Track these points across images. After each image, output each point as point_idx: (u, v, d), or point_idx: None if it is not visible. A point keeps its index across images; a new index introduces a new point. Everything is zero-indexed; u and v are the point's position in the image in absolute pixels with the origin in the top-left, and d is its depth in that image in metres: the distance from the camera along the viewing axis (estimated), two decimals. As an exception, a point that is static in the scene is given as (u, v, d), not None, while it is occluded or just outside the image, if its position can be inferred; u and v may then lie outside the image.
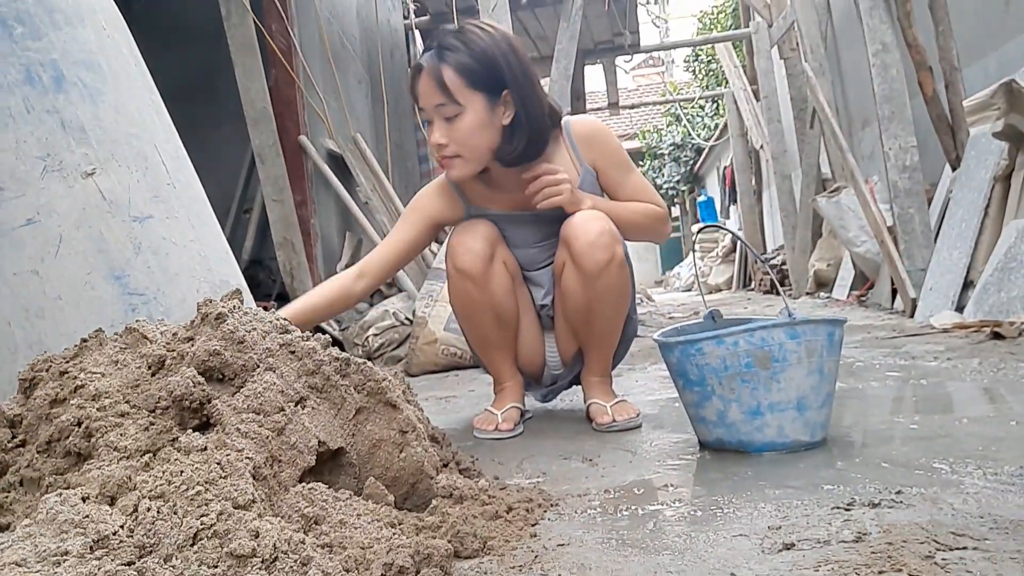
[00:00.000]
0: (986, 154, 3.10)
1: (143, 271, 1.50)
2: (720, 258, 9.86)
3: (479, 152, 1.53)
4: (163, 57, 4.31)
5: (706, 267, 10.06)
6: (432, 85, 1.48)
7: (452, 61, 1.47)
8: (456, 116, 1.48)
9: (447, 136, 1.50)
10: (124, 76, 1.68)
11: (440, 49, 1.49)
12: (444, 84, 1.46)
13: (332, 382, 1.00)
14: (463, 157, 1.52)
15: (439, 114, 1.50)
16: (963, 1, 3.89)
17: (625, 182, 1.65)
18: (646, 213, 1.64)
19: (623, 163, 1.66)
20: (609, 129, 1.70)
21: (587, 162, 1.64)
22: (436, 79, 1.47)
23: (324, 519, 0.85)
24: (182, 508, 0.73)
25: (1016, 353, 2.05)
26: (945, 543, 0.77)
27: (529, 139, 1.54)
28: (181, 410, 0.87)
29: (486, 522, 0.95)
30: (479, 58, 1.48)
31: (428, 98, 1.49)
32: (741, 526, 0.89)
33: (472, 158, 1.53)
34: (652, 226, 1.65)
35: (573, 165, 1.63)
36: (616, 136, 1.71)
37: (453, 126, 1.49)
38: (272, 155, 3.42)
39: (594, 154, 1.64)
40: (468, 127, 1.49)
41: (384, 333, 3.31)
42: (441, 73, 1.47)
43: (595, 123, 1.67)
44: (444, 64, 1.47)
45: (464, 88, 1.47)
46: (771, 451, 1.23)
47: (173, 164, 1.69)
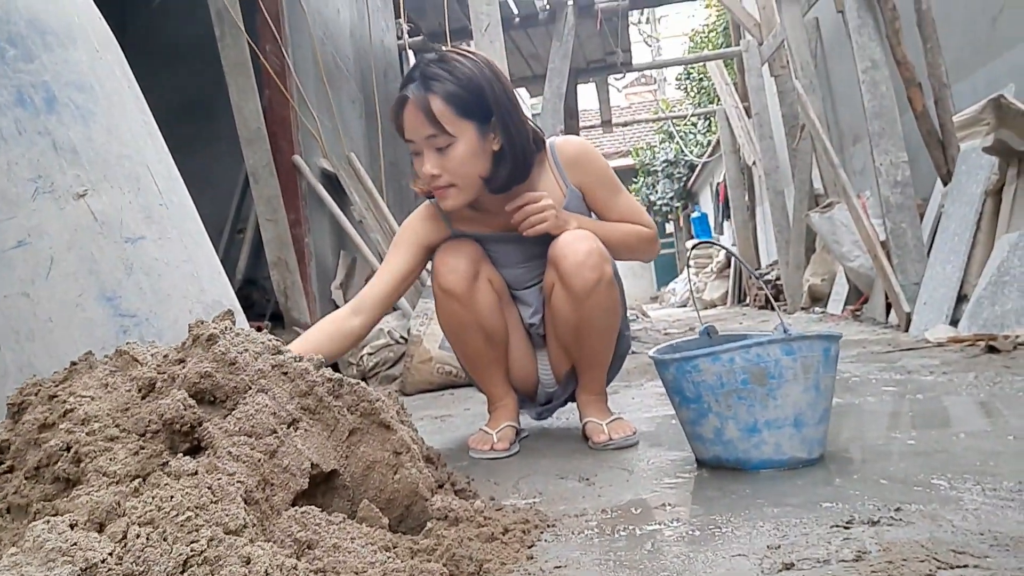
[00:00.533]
0: (977, 169, 3.12)
1: (135, 292, 1.49)
2: (715, 274, 9.88)
3: (472, 180, 1.52)
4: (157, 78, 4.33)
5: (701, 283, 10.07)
6: (421, 117, 1.45)
7: (440, 91, 1.45)
8: (448, 146, 1.47)
9: (439, 167, 1.48)
10: (116, 97, 1.68)
11: (425, 79, 1.46)
12: (433, 115, 1.44)
13: (325, 403, 0.99)
14: (457, 187, 1.51)
15: (430, 145, 1.47)
16: (951, 18, 3.93)
17: (613, 203, 1.64)
18: (634, 233, 1.63)
19: (610, 183, 1.65)
20: (595, 149, 1.69)
21: (573, 183, 1.63)
22: (424, 110, 1.45)
23: (317, 543, 0.84)
24: (172, 534, 0.72)
25: (1011, 367, 2.05)
26: (946, 561, 0.76)
27: (515, 165, 1.53)
28: (172, 433, 0.86)
29: (482, 544, 0.93)
30: (466, 86, 1.46)
31: (417, 130, 1.47)
32: (740, 546, 0.88)
33: (466, 187, 1.52)
34: (640, 246, 1.65)
35: (558, 187, 1.63)
36: (603, 156, 1.71)
37: (445, 156, 1.47)
38: (266, 175, 3.42)
39: (580, 175, 1.63)
40: (461, 157, 1.48)
41: (379, 352, 3.29)
42: (429, 104, 1.44)
43: (581, 144, 1.67)
44: (432, 94, 1.45)
45: (454, 117, 1.45)
46: (769, 468, 1.22)
47: (165, 184, 1.69)
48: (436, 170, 1.48)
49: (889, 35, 3.76)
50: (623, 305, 1.66)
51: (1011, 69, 3.51)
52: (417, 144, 1.49)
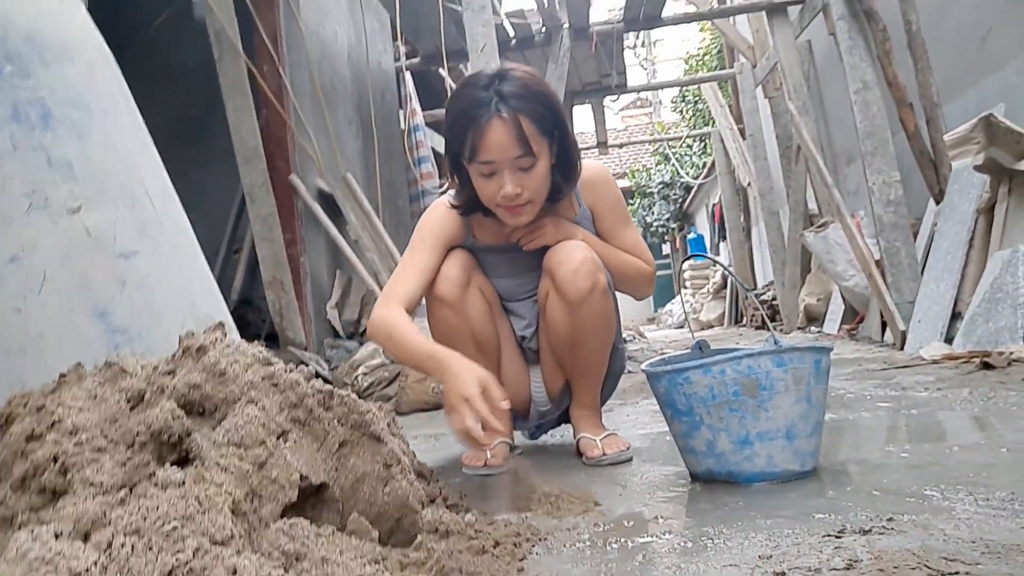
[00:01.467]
0: (969, 187, 3.15)
1: (127, 308, 1.49)
2: (711, 295, 9.89)
3: (543, 196, 1.53)
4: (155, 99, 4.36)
5: (697, 303, 10.08)
6: (512, 136, 1.42)
7: (527, 110, 1.42)
8: (532, 165, 1.46)
9: (521, 185, 1.46)
10: (112, 113, 1.69)
11: (505, 98, 1.43)
12: (524, 135, 1.42)
13: (315, 415, 0.99)
14: (534, 203, 1.51)
15: (515, 165, 1.45)
16: (941, 39, 3.99)
17: (619, 233, 1.66)
18: (632, 264, 1.64)
19: (620, 214, 1.67)
20: (612, 178, 1.71)
21: (586, 204, 1.65)
22: (516, 130, 1.41)
23: (305, 556, 0.83)
24: (157, 544, 0.72)
25: (1006, 382, 2.05)
26: (937, 568, 0.75)
27: (571, 177, 1.56)
28: (160, 444, 0.86)
29: (472, 557, 0.93)
30: (545, 104, 1.46)
31: (506, 150, 1.43)
32: (731, 556, 0.87)
33: (539, 203, 1.53)
34: (635, 279, 1.65)
35: (572, 205, 1.65)
36: (619, 188, 1.73)
37: (528, 175, 1.46)
38: (262, 194, 3.43)
39: (594, 198, 1.65)
40: (540, 176, 1.48)
41: (374, 372, 3.28)
42: (520, 124, 1.42)
43: (601, 169, 1.69)
44: (521, 115, 1.42)
45: (538, 136, 1.45)
46: (761, 481, 1.22)
47: (160, 201, 1.69)
48: (518, 189, 1.47)
49: (880, 56, 3.81)
50: (617, 317, 1.67)
51: (1001, 89, 3.56)
52: (497, 164, 1.45)
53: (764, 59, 6.39)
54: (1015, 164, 2.69)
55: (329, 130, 3.97)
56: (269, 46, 3.70)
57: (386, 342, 1.50)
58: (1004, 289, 2.61)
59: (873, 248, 3.96)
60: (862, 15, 3.93)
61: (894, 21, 3.78)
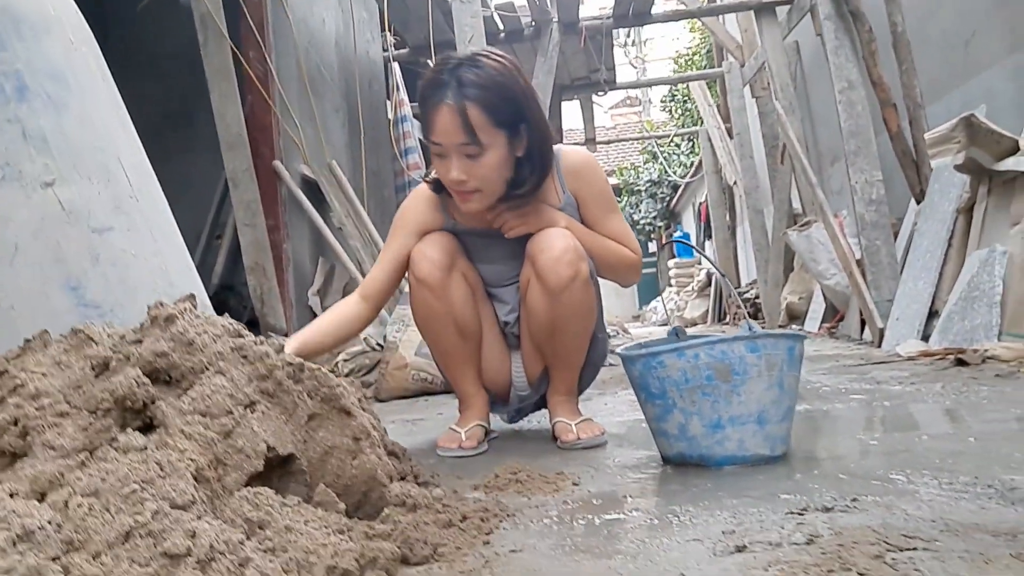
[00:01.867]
0: (949, 187, 3.18)
1: (100, 283, 1.47)
2: (696, 292, 9.94)
3: (497, 186, 1.52)
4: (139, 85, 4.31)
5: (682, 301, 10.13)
6: (457, 124, 1.42)
7: (478, 99, 1.42)
8: (479, 154, 1.45)
9: (466, 173, 1.46)
10: (90, 89, 1.67)
11: (461, 85, 1.43)
12: (471, 125, 1.42)
13: (284, 387, 0.98)
14: (483, 192, 1.51)
15: (460, 151, 1.45)
16: (926, 41, 4.02)
17: (604, 220, 1.65)
18: (617, 253, 1.64)
19: (606, 202, 1.66)
20: (599, 166, 1.71)
21: (571, 191, 1.65)
22: (462, 118, 1.42)
23: (269, 524, 0.83)
24: (115, 505, 0.71)
25: (979, 378, 2.07)
26: (896, 544, 0.76)
27: (535, 172, 1.54)
28: (123, 411, 0.85)
29: (438, 530, 0.93)
30: (503, 94, 1.44)
31: (450, 136, 1.44)
32: (696, 532, 0.87)
33: (490, 192, 1.52)
34: (620, 267, 1.65)
35: (556, 192, 1.64)
36: (605, 175, 1.72)
37: (475, 163, 1.46)
38: (246, 180, 3.40)
39: (578, 185, 1.64)
40: (490, 165, 1.47)
41: (355, 359, 3.27)
42: (467, 112, 1.41)
43: (586, 156, 1.69)
44: (469, 102, 1.41)
45: (489, 126, 1.44)
46: (732, 464, 1.23)
47: (137, 177, 1.68)
48: (463, 176, 1.47)
49: (866, 56, 3.84)
50: (599, 306, 1.67)
51: (984, 91, 3.59)
52: (444, 148, 1.46)
53: (752, 58, 6.42)
54: (994, 164, 2.72)
55: (315, 117, 3.95)
56: (255, 32, 3.67)
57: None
58: (981, 288, 2.64)
59: (855, 247, 3.99)
60: (848, 16, 3.96)
61: (880, 23, 3.81)
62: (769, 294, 5.99)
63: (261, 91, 3.63)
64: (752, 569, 0.73)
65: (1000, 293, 2.56)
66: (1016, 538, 0.76)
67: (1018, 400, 1.65)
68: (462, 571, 0.81)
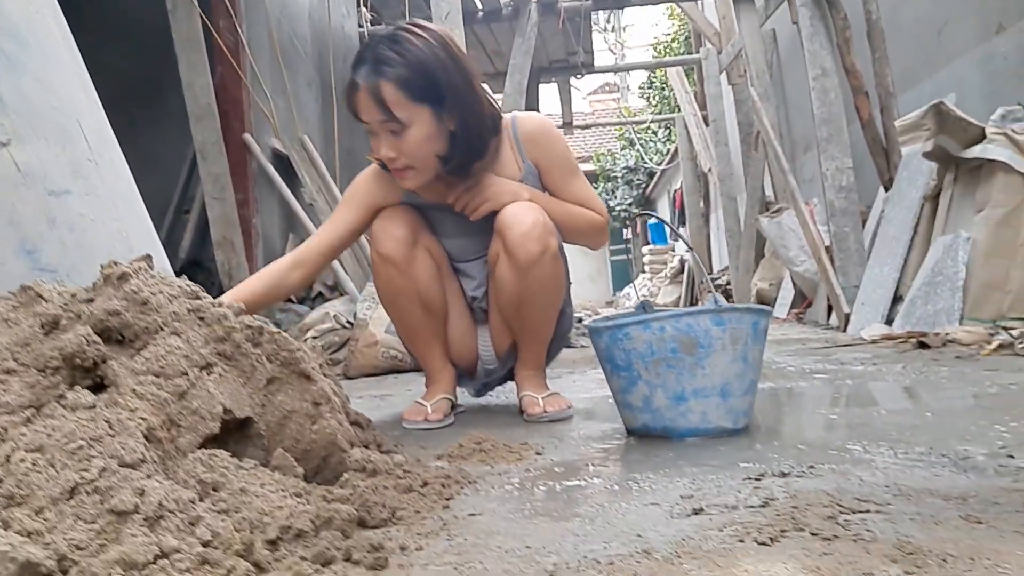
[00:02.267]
0: (917, 175, 3.22)
1: (57, 247, 1.44)
2: (669, 279, 10.01)
3: (430, 161, 1.49)
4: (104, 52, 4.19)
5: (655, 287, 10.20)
6: (371, 103, 1.42)
7: (391, 76, 1.41)
8: (403, 130, 1.44)
9: (395, 150, 1.46)
10: (50, 49, 1.62)
11: (376, 63, 1.42)
12: (384, 102, 1.41)
13: (242, 350, 0.97)
14: (416, 168, 1.49)
15: (384, 128, 1.45)
16: (899, 30, 4.06)
17: (567, 185, 1.63)
18: (584, 217, 1.62)
19: (567, 166, 1.64)
20: (556, 129, 1.69)
21: (530, 159, 1.62)
22: (375, 97, 1.41)
23: (223, 486, 0.81)
24: (60, 462, 0.69)
25: (939, 359, 2.11)
26: (849, 507, 0.77)
27: (469, 147, 1.51)
28: (73, 369, 0.82)
29: (398, 494, 0.92)
30: (419, 70, 1.42)
31: (370, 114, 1.44)
32: (654, 497, 0.88)
33: (424, 168, 1.50)
34: (588, 232, 1.64)
35: (516, 162, 1.62)
36: (564, 138, 1.71)
37: (402, 140, 1.45)
38: (215, 152, 3.34)
39: (537, 152, 1.62)
40: (416, 140, 1.45)
41: (324, 336, 3.24)
42: (380, 90, 1.40)
43: (542, 121, 1.66)
44: (383, 80, 1.41)
45: (407, 103, 1.42)
46: (695, 436, 1.23)
47: (96, 141, 1.63)
48: (393, 153, 1.46)
49: (840, 44, 3.86)
50: (567, 281, 1.66)
51: (955, 80, 3.64)
52: (371, 126, 1.47)
53: (729, 45, 6.44)
54: (962, 152, 2.76)
55: (287, 90, 3.88)
56: (226, 0, 3.59)
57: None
58: (944, 273, 2.69)
59: (824, 235, 4.04)
60: (824, 3, 3.98)
61: (855, 11, 3.83)
62: (740, 280, 6.06)
63: (231, 61, 3.55)
64: (708, 530, 0.73)
65: (963, 278, 2.61)
66: (967, 502, 0.78)
67: (976, 380, 1.68)
68: (420, 533, 0.80)
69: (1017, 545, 0.64)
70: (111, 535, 0.67)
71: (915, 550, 0.63)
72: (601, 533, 0.76)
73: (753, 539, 0.69)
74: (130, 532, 0.66)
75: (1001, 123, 2.75)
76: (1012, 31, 3.19)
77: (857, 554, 0.64)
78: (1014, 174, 2.55)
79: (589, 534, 0.76)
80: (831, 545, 0.66)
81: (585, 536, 0.75)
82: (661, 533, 0.74)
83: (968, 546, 0.64)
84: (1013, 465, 0.92)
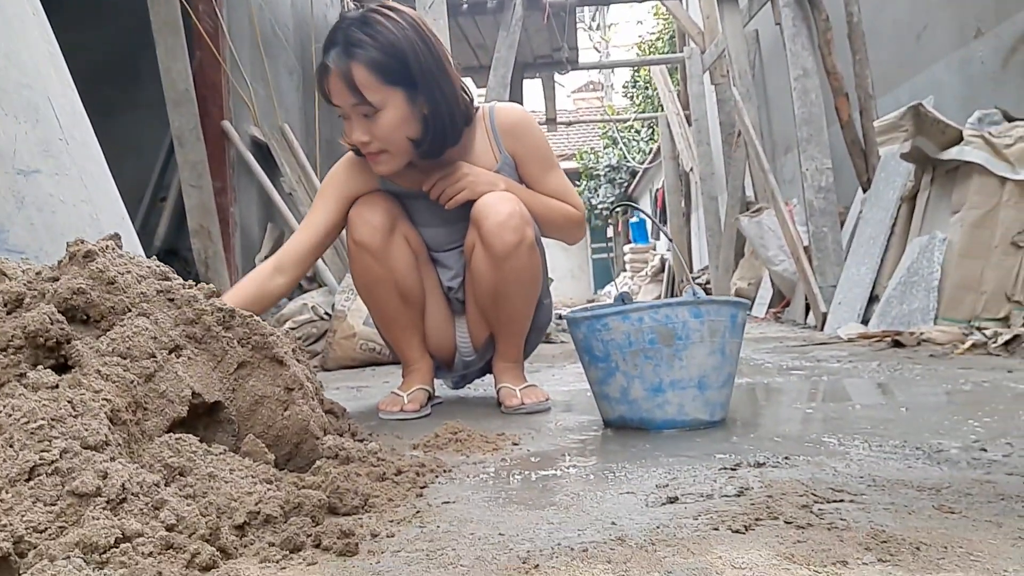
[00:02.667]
0: (895, 176, 3.25)
1: (25, 227, 1.40)
2: (649, 277, 10.05)
3: (404, 145, 1.48)
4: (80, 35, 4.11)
5: (636, 286, 10.23)
6: (342, 85, 1.40)
7: (363, 59, 1.39)
8: (375, 114, 1.42)
9: (368, 133, 1.44)
10: (19, 24, 1.58)
11: (347, 46, 1.40)
12: (355, 84, 1.39)
13: (213, 333, 0.94)
14: (389, 152, 1.47)
15: (357, 112, 1.43)
16: (880, 33, 4.10)
17: (544, 178, 1.62)
18: (560, 211, 1.61)
19: (544, 158, 1.63)
20: (534, 121, 1.67)
21: (507, 150, 1.61)
22: (347, 80, 1.39)
23: (191, 471, 0.79)
24: (20, 441, 0.67)
25: (913, 358, 2.13)
26: (823, 496, 0.77)
27: (443, 131, 1.48)
28: (35, 348, 0.80)
29: (371, 482, 0.90)
30: (390, 52, 1.40)
31: (342, 98, 1.42)
32: (630, 486, 0.87)
33: (398, 152, 1.48)
34: (564, 225, 1.63)
35: (492, 152, 1.61)
36: (542, 130, 1.69)
37: (374, 123, 1.43)
38: (192, 139, 3.28)
39: (515, 144, 1.61)
40: (389, 124, 1.43)
41: (302, 327, 3.21)
42: (352, 74, 1.39)
43: (521, 113, 1.65)
44: (354, 63, 1.39)
45: (379, 86, 1.40)
46: (672, 428, 1.23)
47: (68, 120, 1.59)
48: (365, 137, 1.44)
49: (821, 45, 3.89)
50: (544, 272, 1.65)
51: (933, 84, 3.68)
52: (343, 110, 1.45)
53: (713, 45, 6.47)
54: (939, 153, 2.79)
55: (267, 78, 3.83)
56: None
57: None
58: (920, 273, 2.72)
59: (804, 235, 4.07)
60: (807, 4, 4.00)
61: (837, 14, 3.86)
62: (720, 279, 6.09)
63: (211, 47, 3.50)
64: (682, 518, 0.73)
65: (938, 279, 2.64)
66: (940, 492, 0.78)
67: (949, 377, 1.70)
68: (392, 520, 0.79)
69: (989, 534, 0.65)
70: (71, 517, 0.65)
71: (889, 538, 0.63)
72: (576, 521, 0.75)
73: (728, 527, 0.69)
74: (91, 515, 0.64)
75: (978, 126, 2.79)
76: (989, 36, 3.23)
77: (831, 542, 0.64)
78: (990, 176, 2.58)
79: (564, 522, 0.75)
80: (805, 533, 0.66)
81: (559, 524, 0.74)
82: (636, 521, 0.73)
83: (941, 535, 0.64)
84: (985, 458, 0.93)
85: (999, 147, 2.59)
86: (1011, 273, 2.48)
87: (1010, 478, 0.83)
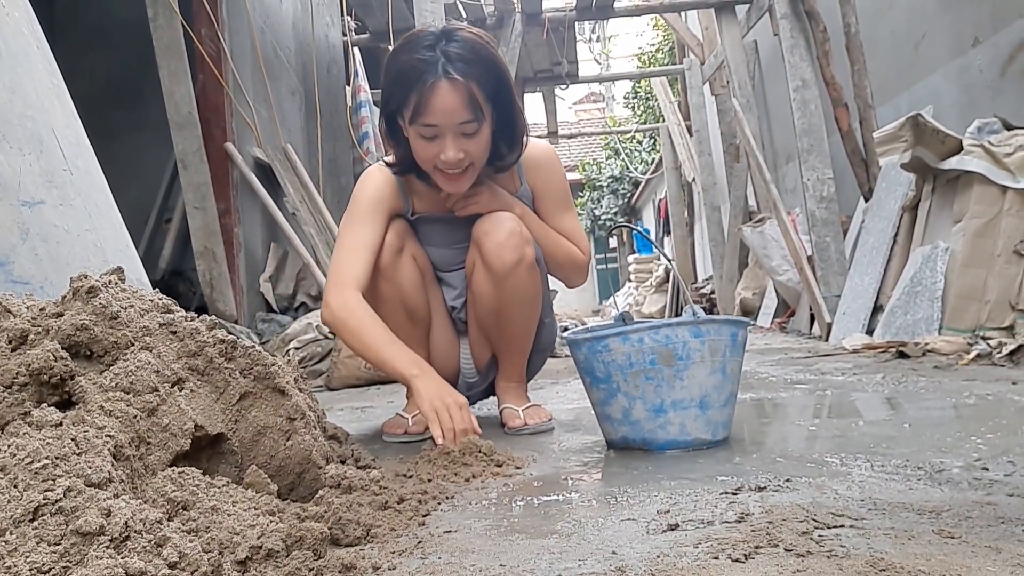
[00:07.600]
0: (896, 185, 3.26)
1: (30, 258, 1.42)
2: (654, 288, 10.04)
3: (483, 162, 1.50)
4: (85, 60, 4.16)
5: (640, 296, 10.22)
6: (461, 102, 1.38)
7: (476, 76, 1.39)
8: (476, 131, 1.42)
9: (464, 151, 1.43)
10: (22, 56, 1.60)
11: (452, 60, 1.38)
12: (476, 101, 1.39)
13: (215, 364, 0.95)
14: (474, 167, 1.48)
15: (459, 130, 1.41)
16: (878, 43, 4.11)
17: (558, 217, 1.64)
18: (567, 250, 1.63)
19: (562, 198, 1.65)
20: (559, 161, 1.69)
21: (528, 182, 1.63)
22: (467, 96, 1.38)
23: (194, 505, 0.80)
24: (24, 481, 0.67)
25: (918, 369, 2.13)
26: (824, 522, 0.77)
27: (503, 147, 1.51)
28: (40, 385, 0.81)
29: (373, 511, 0.91)
30: (492, 68, 1.42)
31: (453, 115, 1.39)
32: (631, 512, 0.87)
33: (479, 168, 1.50)
34: (568, 265, 1.64)
35: (514, 181, 1.63)
36: (565, 173, 1.71)
37: (472, 141, 1.43)
38: (196, 161, 3.32)
39: (537, 177, 1.63)
40: (485, 141, 1.45)
41: (306, 347, 3.21)
42: (472, 89, 1.38)
43: (549, 150, 1.67)
44: (471, 80, 1.38)
45: (485, 102, 1.42)
46: (674, 449, 1.23)
47: (72, 150, 1.61)
48: (461, 154, 1.43)
49: (819, 56, 3.91)
50: (546, 291, 1.66)
51: (931, 93, 3.69)
52: (442, 128, 1.40)
53: (712, 56, 6.49)
54: (939, 163, 2.80)
55: (270, 99, 3.86)
56: (208, 7, 3.57)
57: (348, 335, 1.43)
58: (923, 283, 2.71)
59: (806, 244, 4.07)
60: (804, 15, 4.02)
61: (835, 25, 3.88)
62: (724, 289, 6.08)
63: (213, 70, 3.53)
64: (683, 546, 0.73)
65: (941, 288, 2.63)
66: (940, 516, 0.78)
67: (954, 390, 1.70)
68: (394, 551, 0.79)
69: (988, 560, 0.65)
70: (75, 557, 0.65)
71: (888, 566, 0.63)
72: (576, 550, 0.75)
73: (728, 555, 0.69)
74: (95, 554, 0.65)
75: (978, 135, 2.79)
76: (987, 45, 3.24)
77: (830, 571, 0.64)
78: (991, 185, 2.58)
79: (564, 551, 0.75)
80: (804, 562, 0.66)
81: (560, 554, 0.74)
82: (636, 550, 0.73)
83: (940, 561, 0.64)
84: (987, 478, 0.92)
85: (999, 156, 2.59)
86: (1014, 282, 2.48)
87: (1010, 499, 0.83)
